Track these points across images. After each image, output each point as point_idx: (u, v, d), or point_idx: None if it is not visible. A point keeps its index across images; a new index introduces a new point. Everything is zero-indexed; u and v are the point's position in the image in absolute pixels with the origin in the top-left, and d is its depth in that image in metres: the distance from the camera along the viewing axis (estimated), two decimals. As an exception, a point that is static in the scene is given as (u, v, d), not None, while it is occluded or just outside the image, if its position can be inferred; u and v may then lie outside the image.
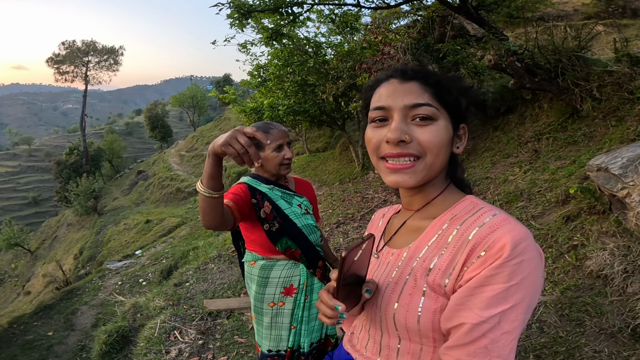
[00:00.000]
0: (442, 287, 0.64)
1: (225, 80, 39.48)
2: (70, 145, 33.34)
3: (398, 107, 0.70)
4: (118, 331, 4.19)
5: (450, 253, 0.65)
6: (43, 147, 61.45)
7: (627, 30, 8.15)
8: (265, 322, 1.59)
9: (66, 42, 36.43)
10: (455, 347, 0.60)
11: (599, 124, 3.94)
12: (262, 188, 1.55)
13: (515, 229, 0.60)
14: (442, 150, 0.70)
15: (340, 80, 6.76)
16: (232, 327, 3.37)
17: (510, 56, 4.29)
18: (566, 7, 10.88)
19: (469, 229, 0.65)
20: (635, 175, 2.08)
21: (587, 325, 1.99)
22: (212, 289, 4.46)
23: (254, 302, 1.61)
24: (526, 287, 0.58)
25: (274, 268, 1.57)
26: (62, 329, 5.95)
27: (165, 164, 26.18)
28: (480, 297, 0.58)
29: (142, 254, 10.81)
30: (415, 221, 0.78)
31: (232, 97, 10.17)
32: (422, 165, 0.69)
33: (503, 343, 0.57)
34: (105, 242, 16.81)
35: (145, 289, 6.65)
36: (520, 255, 0.58)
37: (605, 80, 3.99)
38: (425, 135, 0.68)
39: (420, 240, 0.73)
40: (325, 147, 13.80)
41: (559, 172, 3.57)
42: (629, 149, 2.31)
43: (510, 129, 5.41)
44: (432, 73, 0.74)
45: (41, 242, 26.95)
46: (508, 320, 0.57)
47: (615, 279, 2.09)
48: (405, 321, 0.66)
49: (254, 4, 4.29)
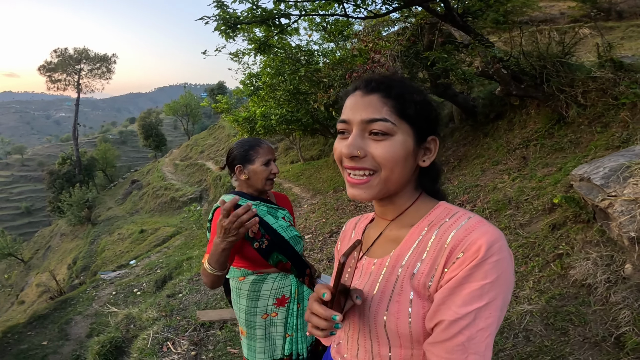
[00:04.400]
0: (426, 288, 0.66)
1: (219, 88, 39.41)
2: (62, 154, 33.10)
3: (356, 121, 0.71)
4: (111, 342, 4.17)
5: (431, 257, 0.67)
6: (36, 156, 60.97)
7: (612, 32, 8.26)
8: (258, 335, 1.60)
9: (58, 50, 36.09)
10: (435, 344, 0.63)
11: (585, 130, 3.99)
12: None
13: (489, 231, 0.63)
14: (399, 164, 0.70)
15: (332, 89, 6.79)
16: (224, 338, 3.37)
17: (496, 63, 4.33)
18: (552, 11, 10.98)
19: (447, 233, 0.67)
20: (617, 186, 2.12)
21: (571, 334, 2.01)
22: (205, 300, 4.45)
23: (245, 316, 1.61)
24: (500, 285, 0.60)
25: (265, 281, 1.58)
26: (56, 339, 5.92)
27: (159, 173, 26.07)
28: (458, 295, 0.61)
29: (137, 263, 10.73)
30: (393, 230, 0.79)
31: (225, 107, 10.17)
32: (377, 180, 0.71)
33: (479, 340, 0.60)
34: (99, 252, 16.67)
35: (139, 299, 6.61)
36: (495, 255, 0.61)
37: (590, 86, 4.03)
38: (379, 150, 0.69)
39: (401, 248, 0.74)
40: (319, 155, 13.80)
41: (545, 179, 3.61)
42: (611, 158, 2.35)
43: (499, 136, 5.46)
44: (397, 85, 0.73)
45: (34, 252, 26.66)
46: (483, 317, 0.60)
47: (598, 288, 2.11)
48: (397, 328, 0.67)
49: (241, 16, 4.32)
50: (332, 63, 7.36)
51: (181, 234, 13.18)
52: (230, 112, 10.05)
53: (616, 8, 9.61)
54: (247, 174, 1.58)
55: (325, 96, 6.85)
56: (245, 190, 1.62)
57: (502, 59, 4.39)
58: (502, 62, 4.40)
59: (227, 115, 10.10)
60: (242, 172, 1.58)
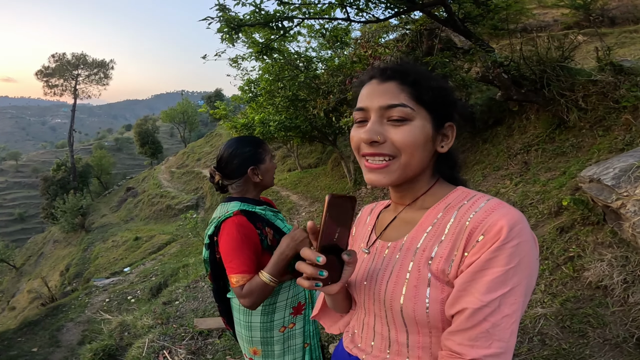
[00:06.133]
0: (445, 274, 0.64)
1: (216, 95, 39.45)
2: (57, 161, 32.82)
3: (374, 108, 0.71)
4: (104, 350, 4.09)
5: (450, 240, 0.66)
6: (30, 162, 60.60)
7: (606, 38, 8.32)
8: (277, 351, 1.47)
9: (56, 55, 35.92)
10: (457, 332, 0.60)
11: (586, 134, 3.98)
12: (257, 211, 1.44)
13: (510, 212, 0.62)
14: (418, 149, 0.70)
15: (331, 95, 6.78)
16: (224, 347, 3.28)
17: (496, 68, 4.35)
18: (546, 18, 11.13)
19: (466, 215, 0.66)
20: (629, 186, 2.09)
21: (590, 336, 1.96)
22: (203, 308, 4.35)
23: (260, 333, 1.46)
24: (523, 270, 0.59)
25: (280, 292, 1.45)
26: (47, 345, 5.81)
27: (155, 181, 25.91)
28: (480, 281, 0.59)
29: (131, 271, 10.59)
30: (408, 214, 0.78)
31: (223, 113, 10.14)
32: (397, 164, 0.70)
33: (504, 326, 0.58)
34: (93, 259, 16.47)
35: (134, 306, 6.49)
36: (517, 238, 0.59)
37: (590, 90, 4.03)
38: (398, 135, 0.69)
39: (416, 230, 0.73)
40: (317, 163, 13.78)
41: (549, 183, 3.58)
42: (620, 159, 2.32)
43: (499, 141, 5.46)
44: (412, 71, 0.73)
45: (27, 258, 26.41)
46: (507, 303, 0.58)
47: (615, 289, 2.07)
48: (414, 313, 0.66)
49: (244, 19, 4.31)
50: (331, 69, 7.37)
51: (177, 242, 13.04)
52: (228, 119, 10.02)
53: (609, 14, 9.72)
54: (261, 175, 1.45)
55: (324, 102, 6.85)
56: (249, 195, 1.47)
57: (502, 63, 4.41)
58: (503, 66, 4.42)
59: (225, 121, 10.07)
60: (257, 173, 1.44)
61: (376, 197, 6.77)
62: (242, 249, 1.31)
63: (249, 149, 1.44)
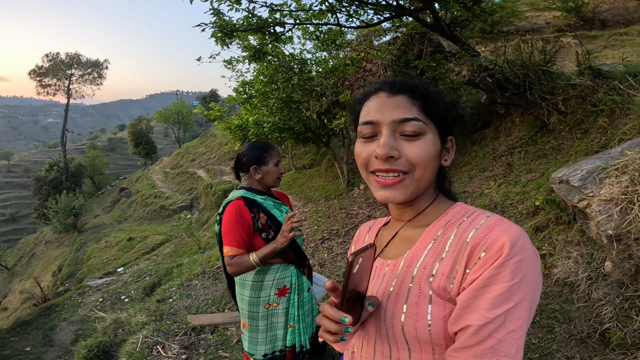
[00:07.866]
0: (447, 292, 0.63)
1: (211, 96, 39.33)
2: (50, 161, 32.56)
3: (387, 121, 0.69)
4: (99, 346, 4.13)
5: (451, 257, 0.65)
6: (22, 162, 59.87)
7: (596, 41, 8.41)
8: (260, 326, 1.72)
9: (50, 55, 35.77)
10: (462, 349, 0.59)
11: (566, 137, 4.12)
12: (258, 199, 1.72)
13: (512, 229, 0.61)
14: (430, 164, 0.70)
15: (324, 97, 6.89)
16: (216, 342, 3.37)
17: (482, 72, 4.44)
18: (538, 20, 11.20)
19: (466, 232, 0.65)
20: (594, 187, 2.22)
21: (557, 331, 2.06)
22: (196, 305, 4.44)
23: (248, 307, 1.73)
24: (527, 285, 0.58)
25: (268, 272, 1.72)
26: (40, 345, 5.83)
27: (149, 181, 25.79)
28: (484, 298, 0.58)
29: (125, 271, 10.59)
30: (408, 231, 0.77)
31: (218, 114, 10.20)
32: (411, 180, 0.69)
33: (510, 342, 0.57)
34: (86, 259, 16.39)
35: (127, 305, 6.53)
36: (519, 254, 0.59)
37: (570, 94, 4.12)
38: (413, 150, 0.68)
39: (416, 248, 0.72)
40: (311, 164, 13.88)
41: (529, 184, 3.72)
42: (588, 161, 2.46)
43: (486, 143, 5.60)
44: (420, 86, 0.74)
45: (18, 259, 26.13)
46: (512, 319, 0.57)
47: (580, 285, 2.19)
48: (416, 332, 0.64)
49: (237, 24, 4.41)
50: (325, 72, 7.47)
51: (171, 242, 13.06)
52: (222, 120, 10.08)
53: (599, 17, 9.82)
54: (261, 174, 1.74)
55: (317, 104, 6.95)
56: (255, 187, 1.77)
57: (487, 67, 4.51)
58: (488, 70, 4.51)
59: (219, 122, 10.13)
60: (257, 172, 1.74)
61: (368, 198, 6.90)
62: (236, 227, 1.62)
63: (256, 151, 1.75)
